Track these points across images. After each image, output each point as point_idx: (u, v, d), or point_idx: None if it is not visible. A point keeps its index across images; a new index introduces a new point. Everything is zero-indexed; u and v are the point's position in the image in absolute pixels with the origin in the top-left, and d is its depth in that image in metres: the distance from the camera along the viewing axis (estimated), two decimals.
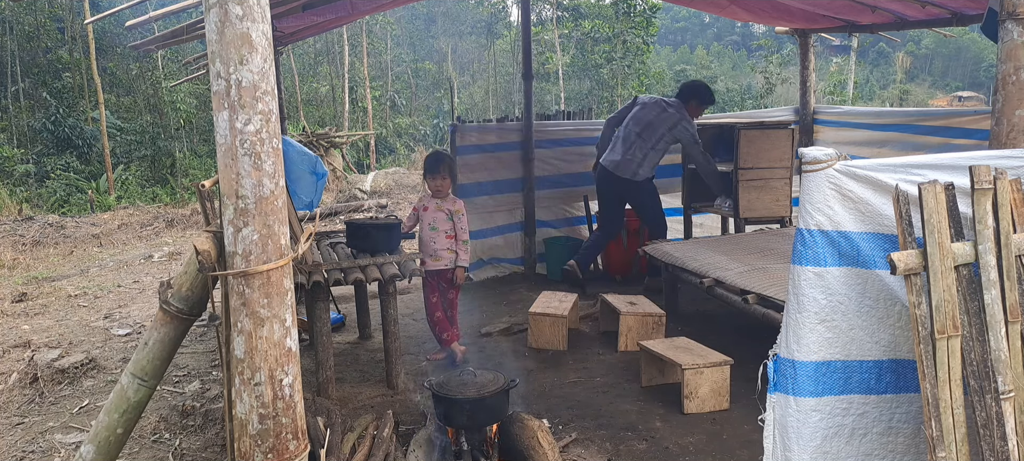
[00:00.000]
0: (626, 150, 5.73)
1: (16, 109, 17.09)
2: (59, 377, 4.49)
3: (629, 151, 5.72)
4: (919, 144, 5.86)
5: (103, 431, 2.43)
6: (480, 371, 3.24)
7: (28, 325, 5.87)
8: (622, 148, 5.76)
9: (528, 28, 6.69)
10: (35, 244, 9.71)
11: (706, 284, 4.41)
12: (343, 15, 5.59)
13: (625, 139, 5.77)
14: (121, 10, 3.79)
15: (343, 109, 25.50)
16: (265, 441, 2.01)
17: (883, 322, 2.30)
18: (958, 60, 50.02)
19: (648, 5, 23.00)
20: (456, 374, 3.17)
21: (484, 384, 3.09)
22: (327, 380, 3.98)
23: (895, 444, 2.37)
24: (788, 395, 2.28)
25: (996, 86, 2.59)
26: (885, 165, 2.25)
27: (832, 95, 23.88)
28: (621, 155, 5.73)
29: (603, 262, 6.67)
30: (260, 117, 1.89)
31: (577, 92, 25.91)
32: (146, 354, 2.41)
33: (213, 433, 3.71)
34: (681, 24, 65.14)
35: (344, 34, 25.62)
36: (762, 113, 7.52)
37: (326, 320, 4.00)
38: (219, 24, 1.83)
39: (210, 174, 16.45)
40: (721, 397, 3.78)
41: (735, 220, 6.00)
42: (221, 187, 1.93)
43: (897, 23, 5.87)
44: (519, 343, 4.93)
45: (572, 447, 3.41)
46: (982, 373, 2.10)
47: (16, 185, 14.69)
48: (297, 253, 2.11)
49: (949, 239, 2.10)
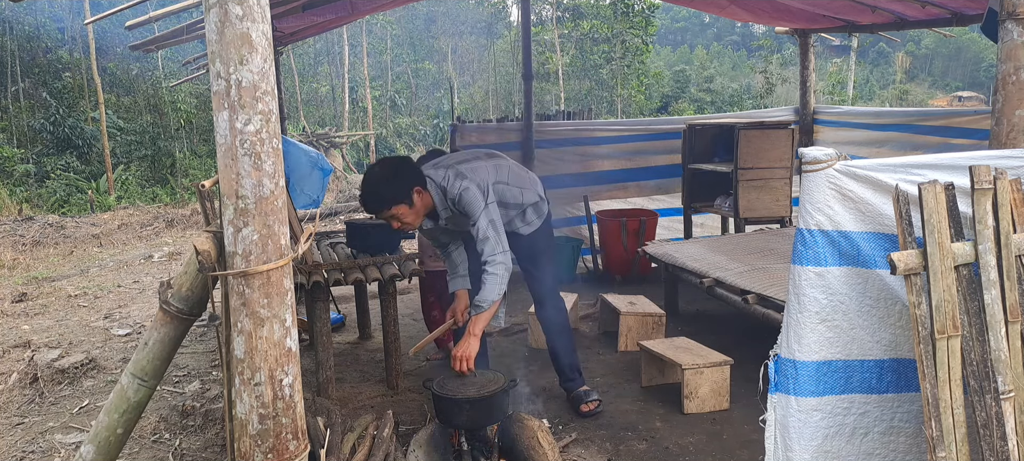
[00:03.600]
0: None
1: (16, 109, 17.07)
2: (59, 377, 4.49)
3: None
4: (919, 144, 5.86)
5: (103, 431, 2.43)
6: (480, 371, 3.24)
7: (28, 325, 5.87)
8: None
9: (528, 28, 6.69)
10: (35, 244, 9.71)
11: (706, 284, 4.40)
12: (343, 15, 5.59)
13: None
14: (121, 10, 3.79)
15: (343, 109, 25.50)
16: (265, 441, 2.00)
17: (884, 321, 2.30)
18: (958, 60, 50.00)
19: (646, 5, 23.01)
20: (456, 374, 3.17)
21: (484, 384, 3.09)
22: (327, 380, 3.98)
23: (896, 444, 2.37)
24: (789, 395, 2.28)
25: (996, 86, 2.59)
26: (885, 165, 2.25)
27: (832, 95, 23.88)
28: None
29: (603, 262, 6.68)
30: (260, 117, 1.89)
31: (577, 92, 25.90)
32: (146, 354, 2.41)
33: (213, 433, 3.71)
34: (681, 24, 65.09)
35: (344, 34, 25.63)
36: (762, 113, 7.53)
37: (326, 320, 4.00)
38: (219, 24, 1.82)
39: (210, 174, 16.44)
40: (721, 397, 3.78)
41: (735, 220, 6.00)
42: (221, 187, 1.93)
43: (897, 23, 5.87)
44: (519, 343, 4.93)
45: (572, 447, 3.41)
46: (982, 373, 2.10)
47: (16, 185, 14.69)
48: (297, 253, 2.11)
49: (949, 239, 2.10)
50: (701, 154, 6.45)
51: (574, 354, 3.87)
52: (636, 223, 6.30)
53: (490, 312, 3.23)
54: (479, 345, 3.18)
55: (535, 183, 3.69)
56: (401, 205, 3.22)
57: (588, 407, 3.75)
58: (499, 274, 3.21)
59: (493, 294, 3.20)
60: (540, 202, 3.65)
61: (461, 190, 3.26)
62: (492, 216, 3.27)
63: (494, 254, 3.22)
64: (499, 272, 3.21)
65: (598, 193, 6.93)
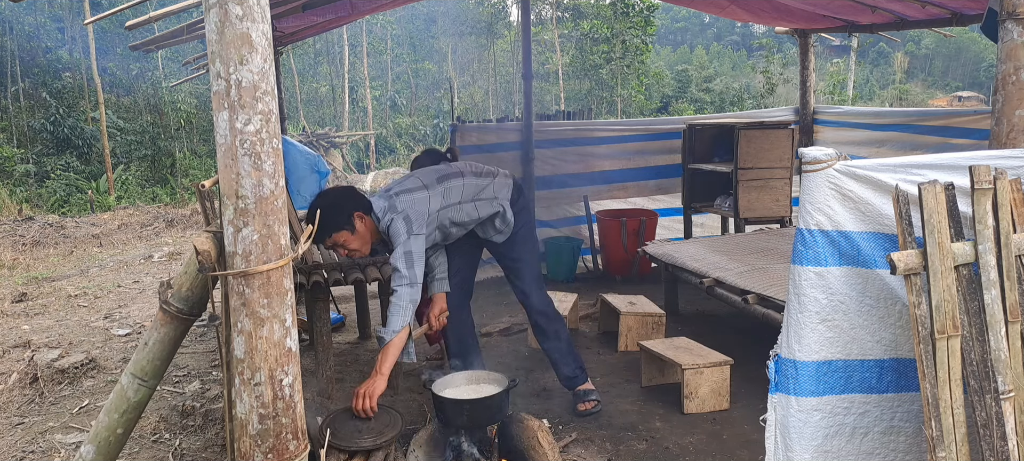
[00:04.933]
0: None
1: (16, 109, 17.08)
2: (59, 377, 4.49)
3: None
4: (919, 144, 5.86)
5: (103, 431, 2.43)
6: (386, 411, 3.17)
7: (28, 325, 5.87)
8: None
9: (528, 28, 6.69)
10: (35, 244, 9.71)
11: (706, 284, 4.41)
12: (343, 15, 5.59)
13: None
14: (121, 10, 3.79)
15: (343, 109, 25.51)
16: (265, 441, 2.01)
17: (884, 321, 2.30)
18: (958, 60, 50.00)
19: (646, 5, 23.02)
20: (352, 416, 3.05)
21: (381, 430, 2.99)
22: (327, 380, 3.98)
23: (896, 443, 2.37)
24: (789, 395, 2.28)
25: (996, 86, 2.59)
26: (885, 165, 2.25)
27: (832, 95, 23.88)
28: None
29: (603, 262, 6.68)
30: (260, 117, 1.89)
31: (577, 92, 25.91)
32: (146, 354, 2.41)
33: (213, 433, 3.71)
34: (681, 24, 65.10)
35: (344, 34, 25.64)
36: (762, 113, 7.52)
37: (326, 320, 3.99)
38: (219, 24, 1.83)
39: (210, 174, 16.45)
40: (721, 397, 3.78)
41: (735, 220, 6.00)
42: (221, 187, 1.93)
43: (897, 23, 5.87)
44: (519, 343, 4.93)
45: (572, 447, 3.41)
46: (982, 373, 2.10)
47: (16, 185, 14.69)
48: (297, 253, 2.11)
49: (949, 239, 2.10)
50: (701, 154, 6.45)
51: (570, 351, 3.79)
52: (636, 223, 6.30)
53: (397, 344, 3.09)
54: (385, 384, 3.02)
55: (501, 190, 3.59)
56: (343, 232, 3.24)
57: (585, 407, 3.73)
58: (401, 304, 3.09)
59: (396, 324, 3.07)
60: (503, 213, 3.57)
61: (388, 223, 3.25)
62: (410, 248, 3.18)
63: (399, 284, 3.12)
64: (401, 302, 3.09)
65: (598, 193, 6.94)
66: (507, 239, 3.67)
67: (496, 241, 3.67)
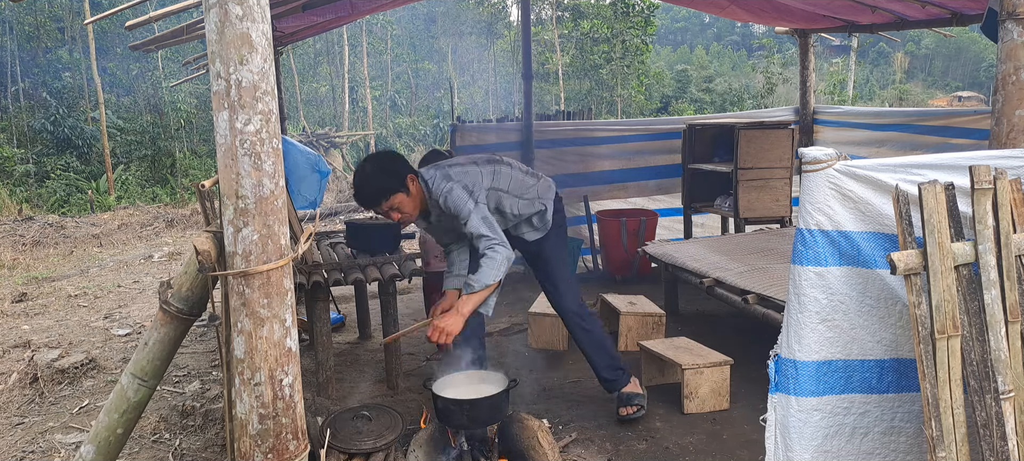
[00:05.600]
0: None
1: (16, 109, 17.09)
2: (59, 377, 4.49)
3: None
4: (918, 144, 5.86)
5: (103, 431, 2.43)
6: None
7: (28, 325, 5.87)
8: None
9: (528, 28, 6.69)
10: (35, 244, 9.72)
11: (706, 284, 4.40)
12: (343, 15, 5.59)
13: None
14: (121, 10, 3.79)
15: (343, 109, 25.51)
16: (265, 441, 2.01)
17: (884, 321, 2.30)
18: (958, 60, 50.00)
19: (646, 5, 23.01)
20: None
21: (381, 432, 3.01)
22: (327, 380, 3.98)
23: (897, 443, 2.37)
24: (789, 395, 2.28)
25: (996, 86, 2.59)
26: (885, 165, 2.25)
27: (832, 95, 23.88)
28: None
29: (603, 262, 6.68)
30: (260, 117, 1.89)
31: (577, 92, 25.89)
32: (146, 354, 2.41)
33: (213, 433, 3.71)
34: (681, 24, 65.10)
35: (344, 34, 25.63)
36: (762, 113, 7.52)
37: (326, 320, 4.00)
38: (219, 24, 1.83)
39: (210, 174, 16.44)
40: (721, 397, 3.78)
41: (735, 220, 6.00)
42: (221, 187, 1.93)
43: (897, 23, 5.87)
44: (519, 343, 4.93)
45: (572, 447, 3.41)
46: (982, 373, 2.10)
47: (16, 185, 14.70)
48: (297, 253, 2.11)
49: (949, 239, 2.10)
50: (701, 154, 6.45)
51: (604, 350, 3.61)
52: (636, 223, 6.30)
53: (481, 295, 3.07)
54: (464, 324, 3.04)
55: (545, 192, 3.56)
56: (399, 194, 3.19)
57: (626, 411, 3.58)
58: (497, 260, 3.07)
59: (488, 278, 3.05)
60: (544, 212, 3.54)
61: (446, 192, 3.17)
62: (483, 213, 3.17)
63: (491, 245, 3.09)
64: (498, 258, 3.07)
65: (598, 193, 6.94)
66: (541, 238, 3.59)
67: (528, 239, 3.59)
